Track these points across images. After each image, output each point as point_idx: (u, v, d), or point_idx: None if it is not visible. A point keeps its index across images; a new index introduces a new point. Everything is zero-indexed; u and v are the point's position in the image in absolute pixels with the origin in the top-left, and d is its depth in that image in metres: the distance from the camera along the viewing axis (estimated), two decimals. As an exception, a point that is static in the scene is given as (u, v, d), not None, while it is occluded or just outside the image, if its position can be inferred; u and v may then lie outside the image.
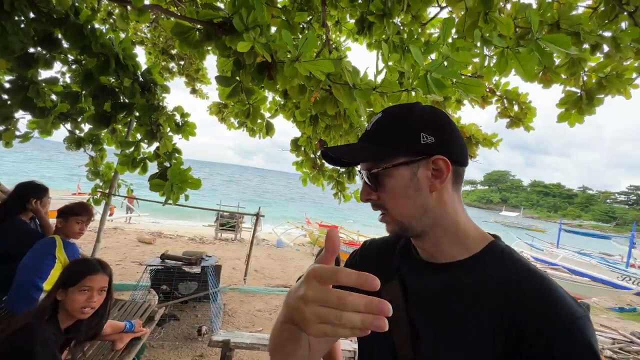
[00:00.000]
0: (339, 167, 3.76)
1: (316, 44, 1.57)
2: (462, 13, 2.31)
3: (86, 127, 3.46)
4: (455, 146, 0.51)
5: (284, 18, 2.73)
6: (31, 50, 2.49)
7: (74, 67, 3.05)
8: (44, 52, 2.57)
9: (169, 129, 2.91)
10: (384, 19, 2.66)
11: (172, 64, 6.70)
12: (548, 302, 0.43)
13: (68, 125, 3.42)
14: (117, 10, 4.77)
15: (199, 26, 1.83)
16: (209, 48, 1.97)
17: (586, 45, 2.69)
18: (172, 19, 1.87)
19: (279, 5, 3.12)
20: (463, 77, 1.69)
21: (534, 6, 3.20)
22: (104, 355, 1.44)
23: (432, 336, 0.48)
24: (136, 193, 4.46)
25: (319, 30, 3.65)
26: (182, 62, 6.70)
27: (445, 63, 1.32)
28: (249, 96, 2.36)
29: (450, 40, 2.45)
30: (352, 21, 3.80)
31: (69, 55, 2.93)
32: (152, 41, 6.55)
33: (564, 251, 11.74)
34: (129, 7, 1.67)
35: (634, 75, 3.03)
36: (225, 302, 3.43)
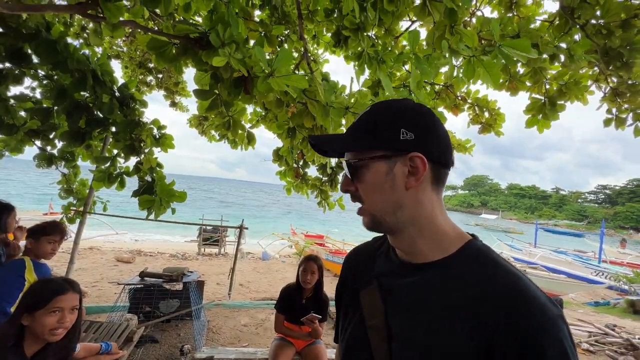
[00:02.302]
0: (321, 176, 3.81)
1: (291, 59, 1.62)
2: (431, 26, 2.44)
3: (58, 143, 3.36)
4: (436, 145, 0.50)
5: (261, 31, 2.79)
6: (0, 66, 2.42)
7: (44, 82, 2.97)
8: (12, 67, 2.50)
9: (149, 143, 2.87)
10: (359, 33, 2.76)
11: (150, 77, 6.62)
12: (519, 301, 0.42)
13: (38, 142, 3.31)
14: (90, 25, 4.70)
15: (175, 41, 1.84)
16: (187, 62, 1.98)
17: (545, 55, 2.89)
18: (148, 34, 1.88)
19: (257, 19, 3.18)
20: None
21: (497, 19, 3.42)
22: None
23: (408, 340, 0.47)
24: (112, 210, 4.32)
25: (297, 43, 3.74)
26: (160, 75, 6.62)
27: (413, 94, 1.39)
28: (228, 108, 2.38)
29: (421, 50, 2.58)
30: (329, 34, 3.92)
31: (39, 71, 2.86)
32: (129, 55, 6.46)
33: (541, 250, 12.21)
34: (102, 23, 1.67)
35: (589, 82, 3.28)
36: (210, 318, 3.34)
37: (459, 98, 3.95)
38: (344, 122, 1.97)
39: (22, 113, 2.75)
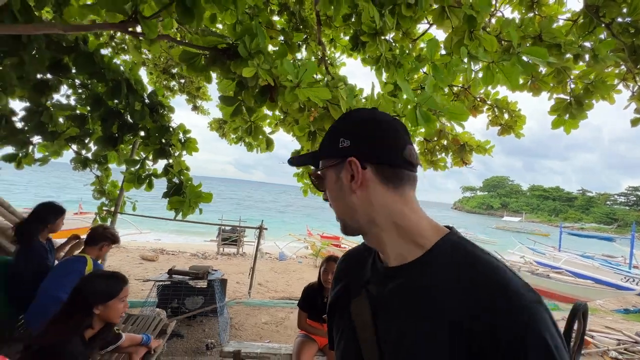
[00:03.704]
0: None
1: (315, 70, 1.70)
2: (450, 31, 2.46)
3: (92, 147, 3.57)
4: (372, 148, 0.51)
5: (282, 39, 2.89)
6: (42, 76, 2.62)
7: (79, 91, 3.17)
8: (53, 78, 2.70)
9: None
10: (376, 37, 2.80)
11: (172, 83, 6.87)
12: (492, 292, 0.41)
13: (74, 147, 3.54)
14: (118, 34, 4.97)
15: (205, 52, 1.96)
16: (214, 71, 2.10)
17: (569, 55, 2.84)
18: (180, 46, 2.01)
19: (278, 27, 3.29)
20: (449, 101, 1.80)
21: (517, 19, 3.39)
22: None
23: (396, 350, 0.46)
24: (140, 210, 4.54)
25: (315, 48, 3.82)
26: (182, 81, 6.87)
27: (431, 92, 1.44)
28: (250, 114, 2.49)
29: (440, 54, 2.60)
30: (346, 38, 3.98)
31: (75, 80, 3.07)
32: (153, 61, 6.73)
33: (567, 254, 11.74)
34: (140, 38, 1.80)
35: (616, 81, 3.18)
36: (232, 315, 3.46)
37: (478, 99, 3.92)
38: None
39: (60, 119, 2.97)
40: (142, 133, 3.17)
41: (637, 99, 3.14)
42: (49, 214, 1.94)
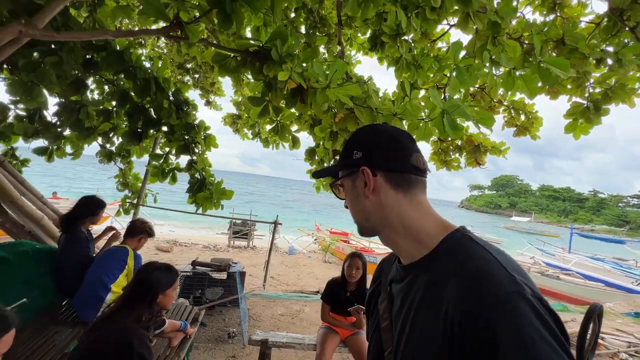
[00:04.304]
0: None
1: (344, 70, 1.76)
2: (472, 35, 2.49)
3: (116, 141, 3.70)
4: (381, 156, 0.57)
5: (305, 42, 2.95)
6: (77, 74, 2.73)
7: (106, 87, 3.28)
8: (87, 75, 2.81)
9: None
10: (397, 38, 2.83)
11: (187, 78, 6.97)
12: (476, 284, 0.43)
13: (99, 140, 3.67)
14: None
15: (237, 55, 2.04)
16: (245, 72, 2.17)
17: (591, 59, 2.83)
18: (212, 48, 2.09)
19: (302, 30, 3.34)
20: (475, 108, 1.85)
21: (539, 22, 3.39)
22: (162, 352, 1.61)
23: (405, 344, 0.50)
24: (160, 202, 4.69)
25: (334, 48, 3.87)
26: (196, 76, 6.96)
27: (457, 96, 1.49)
28: (277, 114, 2.57)
29: (463, 56, 2.63)
30: (363, 36, 4.01)
31: (102, 77, 3.17)
32: (170, 56, 6.83)
33: (577, 256, 11.64)
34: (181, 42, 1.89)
35: (637, 85, 3.16)
36: (249, 307, 3.60)
37: (495, 101, 3.92)
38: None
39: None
40: (164, 129, 3.28)
41: (658, 104, 3.12)
42: (92, 206, 2.07)
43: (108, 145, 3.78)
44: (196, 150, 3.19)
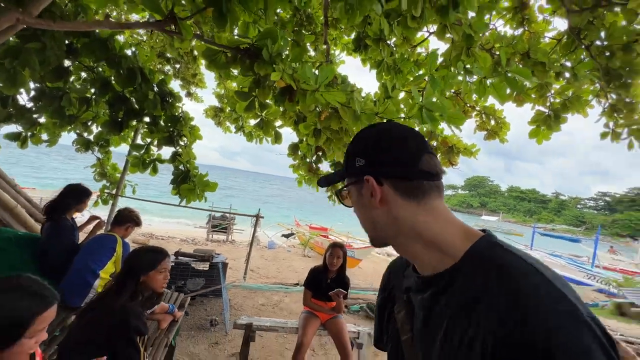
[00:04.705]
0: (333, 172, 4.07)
1: (332, 74, 1.89)
2: (450, 43, 2.69)
3: (95, 130, 3.62)
4: (385, 163, 0.52)
5: (293, 39, 3.04)
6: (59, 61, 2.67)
7: (82, 73, 3.20)
8: (71, 63, 2.75)
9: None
10: (379, 42, 3.00)
11: (167, 67, 6.80)
12: (518, 299, 0.38)
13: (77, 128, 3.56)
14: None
15: (227, 51, 2.11)
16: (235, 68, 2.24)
17: (552, 72, 3.14)
18: (202, 43, 2.15)
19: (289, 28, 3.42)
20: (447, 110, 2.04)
21: (509, 34, 3.68)
22: (152, 333, 1.68)
23: (426, 356, 0.48)
24: (138, 193, 4.62)
25: (320, 46, 3.97)
26: (177, 66, 6.81)
27: (434, 99, 1.67)
28: (263, 110, 2.66)
29: (439, 63, 2.84)
30: (348, 37, 4.14)
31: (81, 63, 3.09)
32: (149, 44, 6.64)
33: (537, 253, 12.56)
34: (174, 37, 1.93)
35: (590, 97, 3.53)
36: (230, 297, 3.67)
37: (468, 105, 4.21)
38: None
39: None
40: (147, 119, 3.26)
41: (607, 115, 3.51)
42: (78, 194, 2.07)
43: (86, 134, 3.69)
44: (181, 142, 3.21)
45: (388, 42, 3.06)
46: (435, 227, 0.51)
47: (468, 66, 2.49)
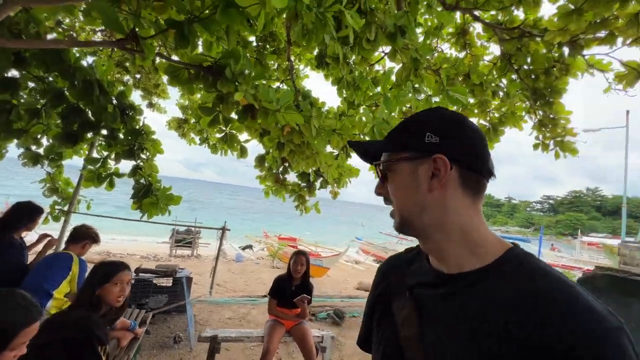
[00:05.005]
0: (300, 182, 4.18)
1: (292, 97, 2.03)
2: (400, 64, 2.98)
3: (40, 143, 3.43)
4: (463, 150, 0.50)
5: (256, 58, 3.17)
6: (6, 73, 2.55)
7: (30, 83, 3.06)
8: (21, 75, 2.63)
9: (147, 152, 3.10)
10: (339, 61, 3.22)
11: (127, 77, 6.58)
12: (570, 313, 0.38)
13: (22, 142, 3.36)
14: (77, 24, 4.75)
15: (188, 68, 2.17)
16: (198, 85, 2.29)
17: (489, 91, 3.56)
18: (164, 60, 2.20)
19: (251, 41, 3.54)
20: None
21: (454, 55, 4.12)
22: (111, 351, 1.63)
23: (443, 353, 0.45)
24: (94, 209, 4.40)
25: (283, 62, 4.14)
26: (138, 76, 6.62)
27: (384, 118, 1.88)
28: (227, 124, 2.73)
29: (393, 81, 3.11)
30: (314, 52, 4.36)
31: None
32: (106, 53, 6.42)
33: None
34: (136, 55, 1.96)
35: (523, 113, 4.04)
36: (195, 313, 3.58)
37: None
38: (328, 146, 2.43)
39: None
40: (104, 132, 3.17)
41: (537, 129, 4.01)
42: (29, 212, 1.97)
43: (34, 147, 3.48)
44: (142, 156, 3.16)
45: (348, 60, 3.30)
46: (481, 229, 0.50)
47: (417, 85, 2.78)
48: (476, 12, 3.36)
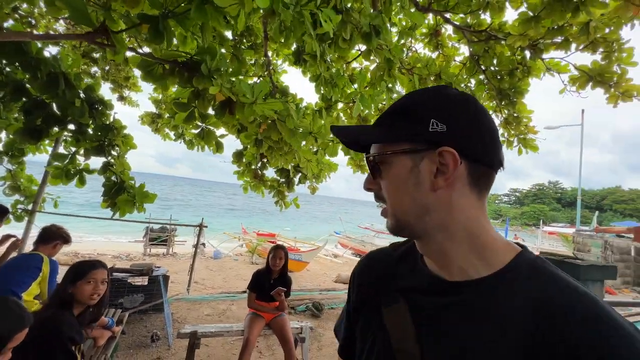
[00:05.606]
0: (279, 178, 4.20)
1: (268, 89, 2.06)
2: (375, 64, 3.07)
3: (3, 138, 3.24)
4: (475, 140, 0.42)
5: (232, 53, 3.14)
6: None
7: None
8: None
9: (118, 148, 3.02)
10: (316, 59, 3.27)
11: (94, 69, 6.27)
12: (597, 324, 0.35)
13: (-22, 137, 3.17)
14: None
15: (162, 63, 2.13)
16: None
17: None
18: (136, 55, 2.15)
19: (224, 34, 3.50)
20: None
21: (427, 55, 4.28)
22: (88, 350, 1.61)
23: None
24: (61, 208, 4.20)
25: (260, 57, 4.12)
26: (107, 68, 6.32)
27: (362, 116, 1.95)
28: (204, 120, 2.70)
29: (366, 84, 3.20)
30: (291, 48, 4.36)
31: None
32: (71, 43, 6.08)
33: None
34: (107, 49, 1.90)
35: (491, 112, 4.28)
36: (173, 311, 3.54)
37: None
38: (303, 143, 2.49)
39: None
40: (71, 127, 3.04)
41: (502, 126, 4.27)
42: None
43: (-9, 143, 3.28)
44: (113, 152, 3.06)
45: (325, 58, 3.35)
46: (489, 231, 0.44)
47: (390, 85, 2.88)
48: (447, 15, 3.51)
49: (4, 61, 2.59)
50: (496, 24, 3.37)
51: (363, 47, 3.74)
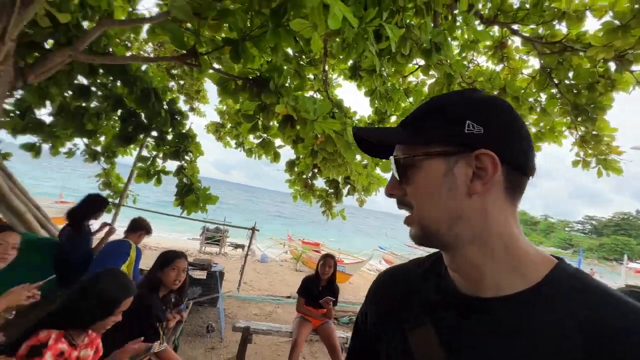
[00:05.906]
0: (327, 188, 4.30)
1: (329, 108, 2.17)
2: (433, 78, 3.03)
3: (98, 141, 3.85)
4: (513, 144, 0.40)
5: (295, 70, 3.37)
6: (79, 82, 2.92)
7: (93, 88, 3.43)
8: (91, 83, 3.00)
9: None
10: (373, 74, 3.33)
11: (172, 83, 7.09)
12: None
13: (85, 140, 3.78)
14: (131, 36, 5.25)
15: (235, 79, 2.38)
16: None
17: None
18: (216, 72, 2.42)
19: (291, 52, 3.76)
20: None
21: (491, 68, 4.08)
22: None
23: None
24: (140, 204, 4.79)
25: (319, 72, 4.32)
26: (182, 82, 7.11)
27: None
28: (266, 131, 2.92)
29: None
30: (347, 63, 4.51)
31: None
32: (156, 63, 6.93)
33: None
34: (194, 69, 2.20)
35: (564, 128, 3.89)
36: (225, 307, 3.80)
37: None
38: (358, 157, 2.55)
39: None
40: (154, 133, 3.51)
41: (578, 145, 3.86)
42: (99, 203, 2.26)
43: (92, 146, 3.90)
44: (187, 157, 3.45)
45: (381, 73, 3.40)
46: (523, 242, 0.41)
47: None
48: (515, 26, 3.33)
49: (111, 78, 3.11)
50: (573, 35, 3.10)
51: (421, 61, 3.72)
